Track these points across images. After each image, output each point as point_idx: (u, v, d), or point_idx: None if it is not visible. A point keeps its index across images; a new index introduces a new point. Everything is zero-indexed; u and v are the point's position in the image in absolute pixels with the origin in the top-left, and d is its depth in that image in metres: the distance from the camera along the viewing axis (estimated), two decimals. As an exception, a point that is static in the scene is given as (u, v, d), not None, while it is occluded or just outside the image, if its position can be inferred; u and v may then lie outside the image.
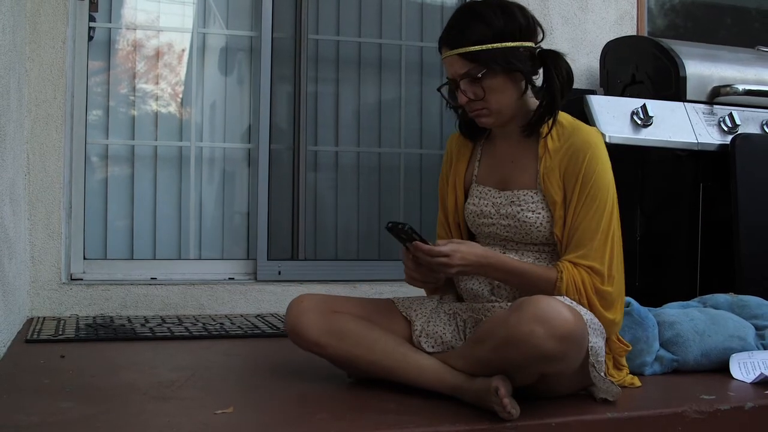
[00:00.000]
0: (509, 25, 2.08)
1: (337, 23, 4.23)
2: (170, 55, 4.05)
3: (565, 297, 1.99)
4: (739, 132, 3.45)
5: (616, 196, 2.13)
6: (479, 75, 2.08)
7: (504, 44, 2.07)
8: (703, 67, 3.58)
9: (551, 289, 2.04)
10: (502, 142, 2.25)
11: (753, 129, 3.51)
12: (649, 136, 3.39)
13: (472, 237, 2.32)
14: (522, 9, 2.14)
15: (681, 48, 3.63)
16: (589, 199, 2.07)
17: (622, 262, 2.13)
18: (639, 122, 3.38)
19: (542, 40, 2.18)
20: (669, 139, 3.41)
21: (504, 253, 2.16)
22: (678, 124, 3.44)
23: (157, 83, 4.01)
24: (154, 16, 4.02)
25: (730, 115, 3.48)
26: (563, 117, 2.17)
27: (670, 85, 3.56)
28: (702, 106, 3.52)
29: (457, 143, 2.36)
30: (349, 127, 4.24)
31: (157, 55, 4.01)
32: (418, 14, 4.33)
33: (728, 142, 3.40)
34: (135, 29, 3.95)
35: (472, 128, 2.28)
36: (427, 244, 2.01)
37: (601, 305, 2.05)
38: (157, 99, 4.01)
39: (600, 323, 2.03)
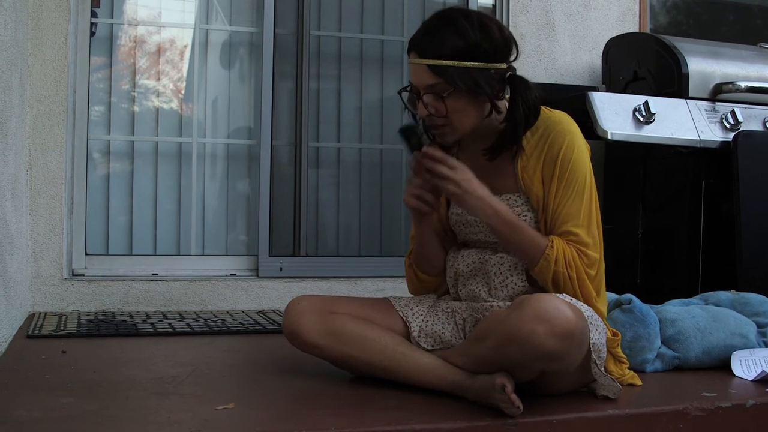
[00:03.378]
0: (484, 42, 1.99)
1: (339, 19, 4.22)
2: (172, 51, 4.05)
3: (565, 294, 1.99)
4: (741, 129, 3.44)
5: (594, 182, 2.11)
6: (444, 94, 2.00)
7: (475, 64, 1.98)
8: (705, 64, 3.58)
9: (539, 256, 2.02)
10: (472, 153, 2.19)
11: (755, 126, 3.51)
12: (651, 133, 3.38)
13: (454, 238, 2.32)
14: (500, 27, 2.06)
15: (683, 45, 3.63)
16: (568, 185, 2.05)
17: (602, 251, 2.12)
18: (641, 119, 3.37)
19: (515, 59, 2.09)
20: (671, 136, 3.40)
21: (495, 255, 2.15)
22: (680, 121, 3.44)
23: (158, 79, 4.01)
24: (156, 12, 4.02)
25: (733, 112, 3.48)
26: None
27: (672, 82, 3.56)
28: (704, 103, 3.52)
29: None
30: (350, 124, 4.24)
31: (159, 51, 4.01)
32: (420, 10, 4.33)
33: (730, 139, 3.40)
34: (137, 25, 3.95)
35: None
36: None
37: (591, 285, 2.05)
38: (158, 95, 4.01)
39: (600, 318, 2.03)
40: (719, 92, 3.53)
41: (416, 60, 2.03)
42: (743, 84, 3.51)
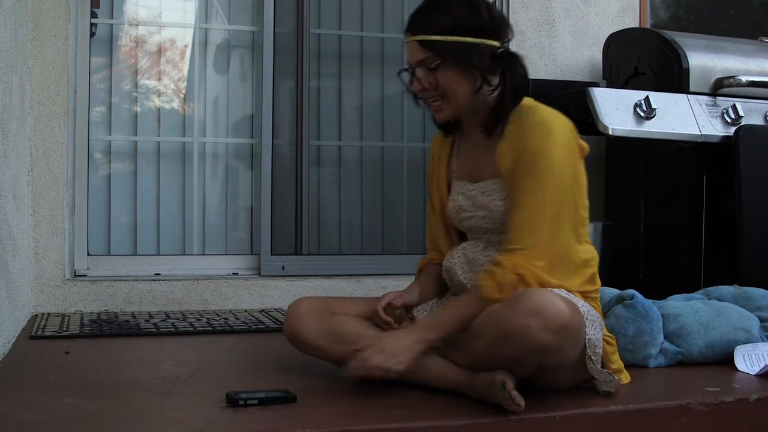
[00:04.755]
0: (472, 20, 2.07)
1: (339, 17, 4.22)
2: (172, 50, 4.04)
3: (562, 290, 1.97)
4: (742, 123, 3.44)
5: (570, 179, 2.04)
6: (433, 65, 2.08)
7: (464, 38, 2.05)
8: (706, 59, 3.57)
9: (480, 302, 1.97)
10: (472, 136, 2.23)
11: (756, 120, 3.51)
12: (652, 128, 3.38)
13: (461, 236, 2.32)
14: (489, 6, 2.12)
15: (684, 40, 3.62)
16: (534, 176, 2.00)
17: (571, 245, 2.05)
18: (642, 114, 3.37)
19: (509, 41, 2.15)
20: (672, 131, 3.40)
21: (485, 247, 2.15)
22: (681, 116, 3.43)
23: (159, 79, 4.01)
24: (156, 11, 4.01)
25: (734, 107, 3.47)
26: (526, 100, 2.13)
27: (673, 77, 3.55)
28: (705, 97, 3.52)
29: (438, 143, 2.35)
30: (351, 122, 4.24)
31: (160, 50, 4.01)
32: (420, 8, 4.32)
33: (731, 134, 3.39)
34: (137, 25, 3.95)
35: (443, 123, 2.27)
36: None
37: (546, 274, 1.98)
38: (159, 95, 4.01)
39: (598, 314, 2.02)
40: (720, 87, 3.52)
41: (409, 38, 2.13)
42: (744, 78, 3.50)
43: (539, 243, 1.98)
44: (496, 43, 2.09)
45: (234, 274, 3.88)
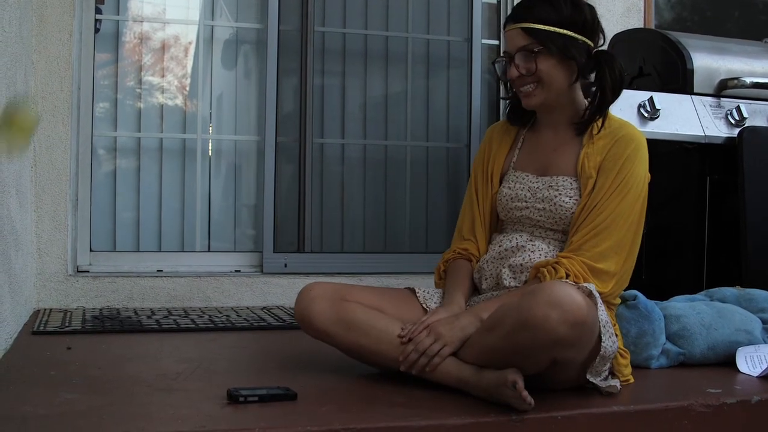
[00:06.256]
0: (575, 16, 2.18)
1: (343, 15, 4.22)
2: (177, 47, 4.04)
3: (596, 291, 1.99)
4: (746, 125, 3.43)
5: (646, 195, 2.19)
6: (535, 50, 2.16)
7: (566, 31, 2.16)
8: (710, 60, 3.57)
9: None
10: (547, 130, 2.31)
11: (760, 122, 3.50)
12: (656, 129, 3.38)
13: (497, 228, 2.36)
14: (590, 7, 2.24)
15: (688, 41, 3.62)
16: (622, 187, 2.13)
17: (634, 258, 2.22)
18: (646, 115, 3.37)
19: (602, 45, 2.26)
20: (676, 132, 3.40)
21: (531, 239, 2.20)
22: (685, 117, 3.43)
23: (163, 76, 4.01)
24: (161, 8, 4.01)
25: (738, 108, 3.47)
26: (610, 113, 2.26)
27: (677, 77, 3.55)
28: (709, 98, 3.51)
29: (499, 132, 2.41)
30: (355, 120, 4.23)
31: (164, 47, 4.01)
32: (425, 6, 4.32)
33: (735, 135, 3.39)
34: (141, 21, 3.95)
35: (520, 114, 2.35)
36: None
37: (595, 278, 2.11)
38: (163, 91, 4.01)
39: (612, 327, 2.02)
40: (724, 88, 3.52)
41: (511, 26, 2.22)
42: (748, 80, 3.50)
43: (606, 248, 2.12)
44: (591, 43, 2.22)
45: (236, 271, 3.88)
